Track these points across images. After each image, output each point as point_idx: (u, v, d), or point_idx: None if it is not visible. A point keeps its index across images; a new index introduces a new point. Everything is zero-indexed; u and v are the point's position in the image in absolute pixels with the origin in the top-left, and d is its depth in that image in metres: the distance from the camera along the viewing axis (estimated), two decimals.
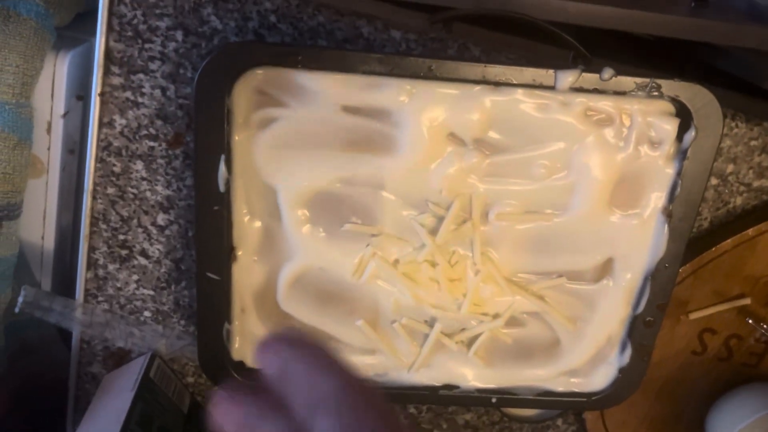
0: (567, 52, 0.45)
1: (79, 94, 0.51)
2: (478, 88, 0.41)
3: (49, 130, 0.51)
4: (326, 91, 0.41)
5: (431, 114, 0.42)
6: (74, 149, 0.53)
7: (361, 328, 0.48)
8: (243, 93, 0.41)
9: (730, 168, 0.51)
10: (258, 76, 0.41)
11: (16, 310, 0.50)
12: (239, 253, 0.45)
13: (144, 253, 0.51)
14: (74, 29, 0.52)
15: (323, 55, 0.40)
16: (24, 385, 0.56)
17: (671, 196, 0.45)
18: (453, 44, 0.46)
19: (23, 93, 0.48)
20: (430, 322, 0.49)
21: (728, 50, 0.50)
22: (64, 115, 0.51)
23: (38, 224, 0.54)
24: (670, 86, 0.42)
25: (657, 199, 0.45)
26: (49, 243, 0.54)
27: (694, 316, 0.54)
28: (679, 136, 0.43)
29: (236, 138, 0.42)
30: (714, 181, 0.51)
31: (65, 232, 0.55)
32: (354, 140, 0.43)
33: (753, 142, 0.50)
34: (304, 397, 0.26)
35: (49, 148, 0.52)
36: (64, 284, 0.56)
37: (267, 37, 0.45)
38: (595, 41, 0.46)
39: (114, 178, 0.48)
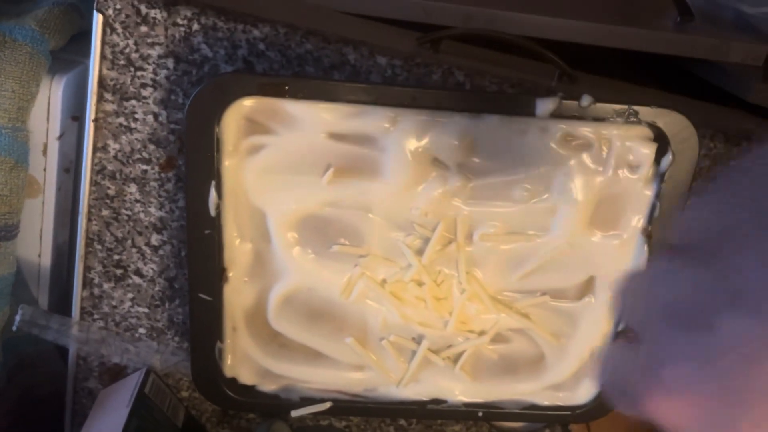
0: (552, 69, 0.46)
1: (75, 114, 0.53)
2: (460, 115, 0.43)
3: (45, 152, 0.52)
4: (313, 119, 0.42)
5: (415, 140, 0.43)
6: (69, 168, 0.54)
7: (350, 345, 0.49)
8: (232, 121, 0.42)
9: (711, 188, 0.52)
10: (247, 104, 0.42)
11: (14, 328, 0.51)
12: (230, 274, 0.47)
13: (138, 273, 0.52)
14: (69, 51, 0.53)
15: (310, 85, 0.41)
16: (22, 399, 0.57)
17: (650, 217, 0.46)
18: (437, 69, 0.47)
19: (19, 117, 0.49)
20: (418, 339, 0.50)
21: (713, 63, 0.51)
22: (60, 137, 0.52)
23: (35, 243, 0.55)
24: (647, 113, 0.43)
25: (637, 220, 0.46)
26: (46, 261, 0.55)
27: None
28: (657, 160, 0.44)
29: (226, 164, 0.43)
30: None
31: (62, 250, 0.56)
32: (341, 166, 0.44)
33: (732, 162, 0.51)
34: None
35: (45, 169, 0.53)
36: (62, 301, 0.57)
37: (256, 65, 0.46)
38: (580, 54, 0.47)
39: (108, 201, 0.50)
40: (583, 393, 0.52)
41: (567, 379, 0.52)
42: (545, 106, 0.42)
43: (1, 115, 0.48)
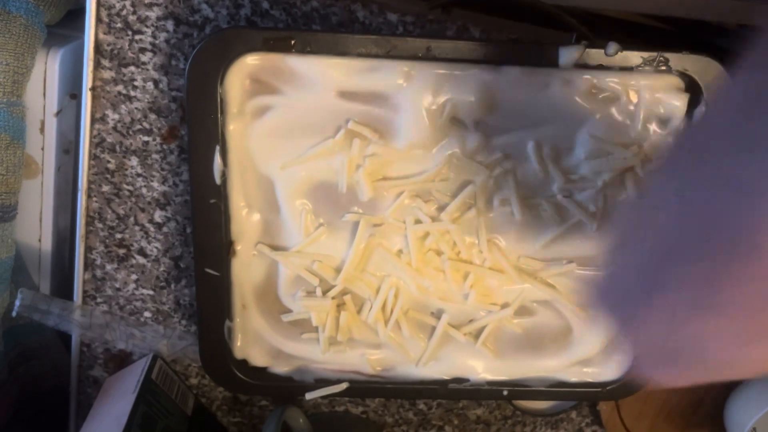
0: (569, 36, 0.44)
1: (73, 92, 0.50)
2: (478, 68, 0.40)
3: (42, 130, 0.50)
4: (321, 76, 0.40)
5: (430, 97, 0.41)
6: (69, 149, 0.52)
7: (365, 322, 0.47)
8: (236, 81, 0.40)
9: None
10: (251, 62, 0.39)
11: (14, 313, 0.49)
12: (238, 247, 0.44)
13: (142, 252, 0.50)
14: (65, 27, 0.51)
15: (317, 39, 0.39)
16: (25, 391, 0.55)
17: None
18: (452, 26, 0.44)
19: (14, 91, 0.47)
20: (437, 314, 0.47)
21: (738, 30, 0.49)
22: (57, 114, 0.50)
23: (35, 226, 0.53)
24: (678, 60, 0.40)
25: None
26: (47, 245, 0.53)
27: None
28: (689, 112, 0.42)
29: (231, 128, 0.41)
30: None
31: (63, 234, 0.54)
32: (352, 127, 0.41)
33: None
34: None
35: (43, 148, 0.50)
36: (64, 287, 0.55)
37: (260, 25, 0.44)
38: (597, 29, 0.45)
39: (109, 176, 0.47)
40: (614, 368, 0.49)
41: (596, 353, 0.49)
42: (569, 55, 0.40)
43: None
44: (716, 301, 0.19)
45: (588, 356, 0.49)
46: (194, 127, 0.40)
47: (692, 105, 0.41)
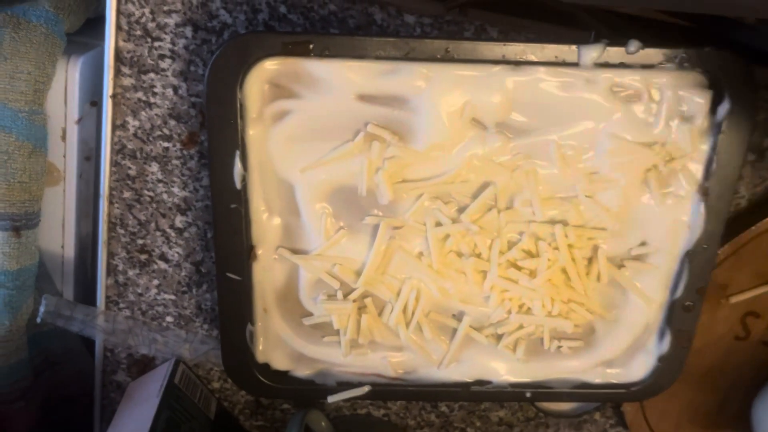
0: (588, 34, 0.43)
1: (93, 100, 0.51)
2: (497, 68, 0.40)
3: (64, 137, 0.50)
4: (340, 80, 0.40)
5: (450, 98, 0.40)
6: (90, 156, 0.52)
7: (387, 325, 0.47)
8: (255, 86, 0.40)
9: (767, 142, 0.48)
10: (269, 67, 0.39)
11: (38, 319, 0.49)
12: (259, 251, 0.44)
13: (163, 257, 0.50)
14: (85, 35, 0.51)
15: (335, 42, 0.39)
16: (50, 396, 0.56)
17: (707, 173, 0.42)
18: (470, 26, 0.44)
19: (36, 100, 0.47)
20: (459, 316, 0.47)
21: (759, 26, 0.48)
22: (78, 121, 0.50)
23: (57, 233, 0.53)
24: (700, 56, 0.39)
25: (691, 176, 0.43)
26: (70, 252, 0.54)
27: (735, 299, 0.51)
28: (713, 109, 0.41)
29: (250, 133, 0.41)
30: (750, 156, 0.49)
31: (85, 241, 0.55)
32: (371, 130, 0.41)
33: None
34: None
35: (64, 156, 0.51)
36: (86, 293, 0.55)
37: (278, 29, 0.44)
38: (615, 28, 0.44)
39: (130, 182, 0.48)
40: (638, 369, 0.49)
41: (620, 354, 0.48)
42: (589, 54, 0.39)
43: (17, 98, 0.47)
44: None
45: (612, 357, 0.48)
46: (214, 132, 0.40)
47: (716, 102, 0.41)
